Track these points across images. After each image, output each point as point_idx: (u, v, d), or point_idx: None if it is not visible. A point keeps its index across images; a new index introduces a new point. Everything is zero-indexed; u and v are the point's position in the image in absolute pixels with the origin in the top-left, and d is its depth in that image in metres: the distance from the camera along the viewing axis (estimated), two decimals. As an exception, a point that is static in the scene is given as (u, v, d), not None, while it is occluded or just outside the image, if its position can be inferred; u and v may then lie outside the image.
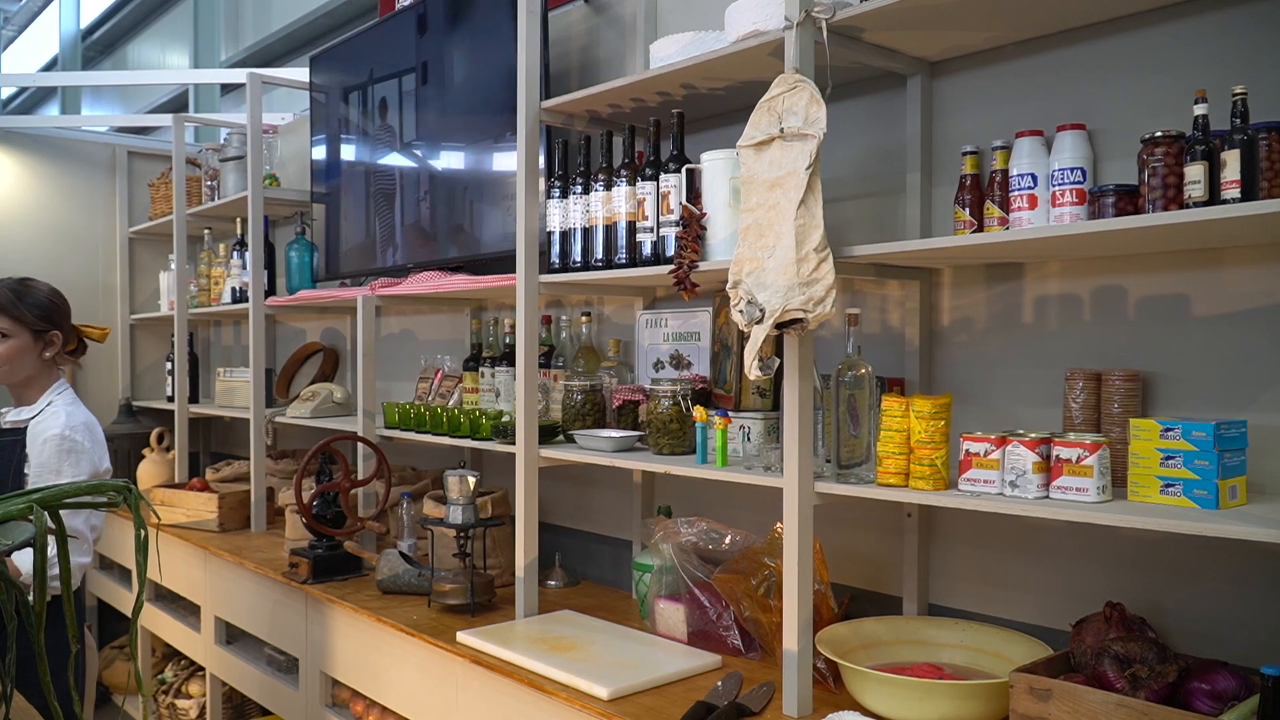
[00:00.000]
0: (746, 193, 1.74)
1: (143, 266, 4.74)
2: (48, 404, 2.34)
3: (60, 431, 2.24)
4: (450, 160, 2.95)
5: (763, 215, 1.71)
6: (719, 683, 1.85)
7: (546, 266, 2.30)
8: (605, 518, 2.72)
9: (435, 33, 2.99)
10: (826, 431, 1.78)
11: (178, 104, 8.20)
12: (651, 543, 2.23)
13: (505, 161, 2.74)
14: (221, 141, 3.86)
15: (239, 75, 3.66)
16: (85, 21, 10.59)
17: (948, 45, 1.88)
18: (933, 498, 1.59)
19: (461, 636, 2.15)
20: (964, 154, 1.78)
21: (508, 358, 2.73)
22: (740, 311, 1.70)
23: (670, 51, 2.04)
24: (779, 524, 2.01)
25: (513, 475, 2.29)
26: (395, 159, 3.18)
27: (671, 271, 1.95)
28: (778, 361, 1.71)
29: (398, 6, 3.67)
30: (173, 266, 4.15)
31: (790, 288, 1.63)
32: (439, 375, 3.12)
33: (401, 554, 2.60)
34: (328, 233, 3.51)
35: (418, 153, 3.08)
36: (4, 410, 2.48)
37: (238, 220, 3.79)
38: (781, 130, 1.69)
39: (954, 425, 1.66)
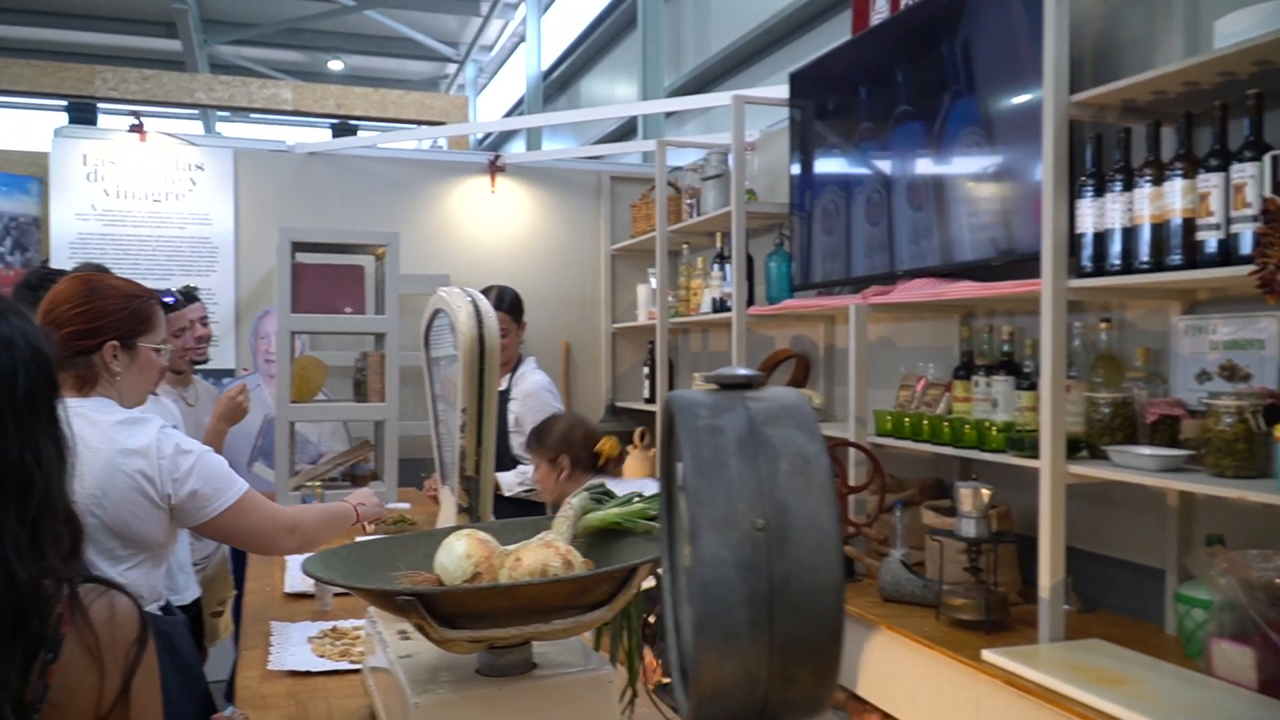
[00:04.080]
0: (1376, 179, 1.49)
1: (622, 280, 5.26)
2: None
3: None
4: (942, 165, 2.90)
5: (1400, 204, 1.45)
6: (1321, 745, 1.61)
7: (1076, 269, 2.16)
8: (1129, 541, 2.49)
9: (921, 39, 2.95)
10: None
11: (623, 131, 8.95)
12: (1208, 575, 2.00)
13: (1003, 162, 2.63)
14: (700, 160, 4.14)
15: (724, 99, 3.91)
16: (545, 64, 11.94)
17: None
18: None
19: (987, 655, 2.08)
20: None
21: (1005, 366, 2.61)
22: (1371, 318, 1.46)
23: (1247, 25, 1.82)
24: (1392, 567, 1.71)
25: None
26: (880, 167, 3.19)
27: (1252, 273, 1.73)
28: None
29: (873, 18, 3.69)
30: (652, 280, 4.54)
31: None
32: (921, 383, 3.07)
33: (901, 562, 2.59)
34: (803, 243, 3.61)
35: (905, 160, 3.06)
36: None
37: (716, 234, 4.04)
38: None
39: None
